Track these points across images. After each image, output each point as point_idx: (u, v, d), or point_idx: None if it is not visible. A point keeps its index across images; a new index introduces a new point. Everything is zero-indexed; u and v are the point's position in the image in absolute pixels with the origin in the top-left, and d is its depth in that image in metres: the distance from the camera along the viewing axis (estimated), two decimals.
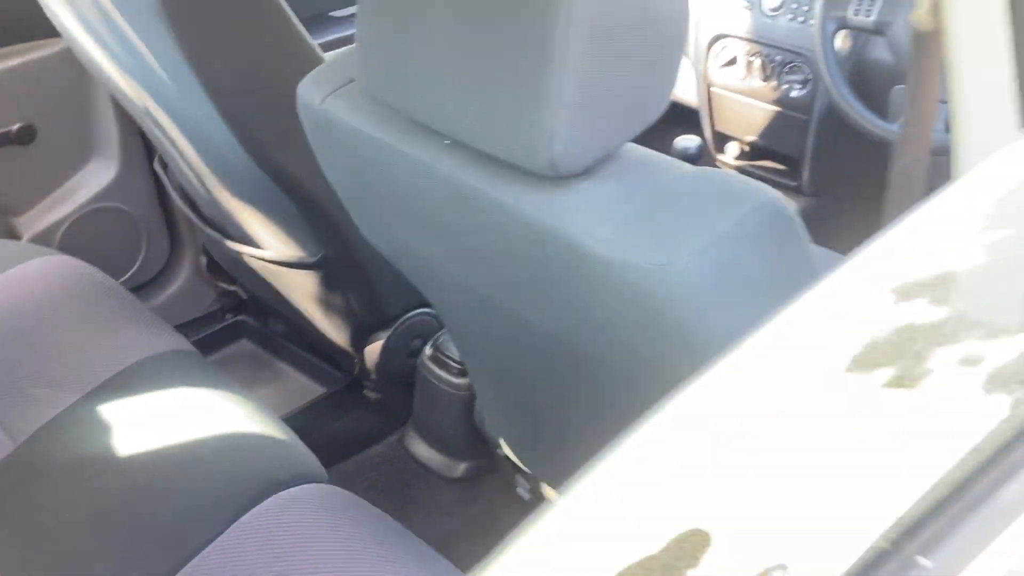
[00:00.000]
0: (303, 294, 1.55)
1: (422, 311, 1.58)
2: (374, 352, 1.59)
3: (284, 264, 1.49)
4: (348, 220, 1.10)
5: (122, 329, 1.32)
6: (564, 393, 1.10)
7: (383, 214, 1.04)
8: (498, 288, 0.96)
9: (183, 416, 1.19)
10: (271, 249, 1.48)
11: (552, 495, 1.35)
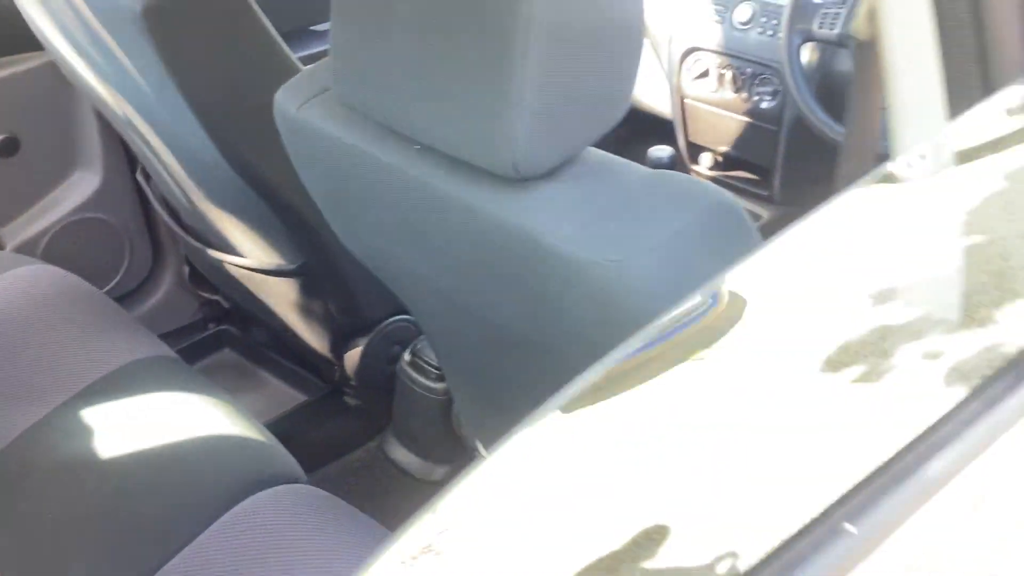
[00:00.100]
0: (284, 302, 1.57)
1: (401, 317, 1.59)
2: (354, 358, 1.60)
3: (265, 272, 1.50)
4: (327, 227, 1.12)
5: (106, 335, 1.33)
6: (536, 392, 1.12)
7: (359, 220, 1.06)
8: (469, 289, 0.98)
9: (165, 419, 1.20)
10: (252, 257, 1.49)
11: None
